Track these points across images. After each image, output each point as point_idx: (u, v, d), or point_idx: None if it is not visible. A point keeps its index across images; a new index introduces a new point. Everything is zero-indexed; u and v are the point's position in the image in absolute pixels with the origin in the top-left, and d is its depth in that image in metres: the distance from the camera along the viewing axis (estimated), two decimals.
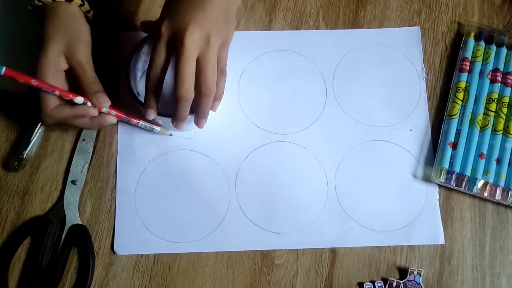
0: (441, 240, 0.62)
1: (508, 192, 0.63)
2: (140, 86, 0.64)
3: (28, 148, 0.62)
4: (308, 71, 0.68)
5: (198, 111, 0.57)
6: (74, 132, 0.64)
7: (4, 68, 0.52)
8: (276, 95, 0.67)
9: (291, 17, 0.70)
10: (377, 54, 0.69)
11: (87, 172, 0.62)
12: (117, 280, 0.59)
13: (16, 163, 0.61)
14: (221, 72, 0.57)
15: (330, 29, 0.70)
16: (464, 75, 0.67)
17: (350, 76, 0.68)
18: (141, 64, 0.64)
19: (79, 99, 0.55)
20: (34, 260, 0.59)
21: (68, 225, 0.60)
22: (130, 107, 0.64)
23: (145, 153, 0.63)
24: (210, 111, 0.58)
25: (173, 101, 0.54)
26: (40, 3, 0.57)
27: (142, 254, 0.60)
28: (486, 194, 0.62)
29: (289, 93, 0.67)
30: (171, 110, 0.56)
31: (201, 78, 0.53)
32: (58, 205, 0.61)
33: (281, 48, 0.69)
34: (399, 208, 0.63)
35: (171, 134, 0.64)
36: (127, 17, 0.69)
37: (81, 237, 0.60)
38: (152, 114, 0.57)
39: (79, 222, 0.60)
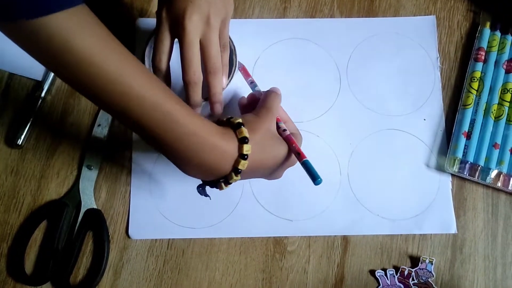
0: (453, 230, 0.62)
1: None
2: None
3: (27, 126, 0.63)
4: (322, 60, 0.68)
5: (210, 94, 0.57)
6: (90, 118, 0.64)
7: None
8: (289, 83, 0.67)
9: (305, 5, 0.70)
10: (391, 43, 0.69)
11: (102, 157, 0.63)
12: (132, 264, 0.60)
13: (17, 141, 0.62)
14: (224, 47, 0.57)
15: (345, 17, 0.70)
16: (479, 65, 0.67)
17: (364, 65, 0.68)
18: None
19: None
20: (50, 243, 0.60)
21: (83, 209, 0.61)
22: None
23: None
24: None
25: (184, 86, 0.55)
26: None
27: (156, 239, 0.61)
28: (499, 184, 0.62)
29: (303, 81, 0.67)
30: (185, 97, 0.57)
31: (206, 58, 0.54)
32: (74, 190, 0.61)
33: (295, 36, 0.69)
34: (411, 197, 0.63)
35: None
36: (143, 4, 0.69)
37: (96, 221, 0.60)
38: None
39: (95, 207, 0.61)
